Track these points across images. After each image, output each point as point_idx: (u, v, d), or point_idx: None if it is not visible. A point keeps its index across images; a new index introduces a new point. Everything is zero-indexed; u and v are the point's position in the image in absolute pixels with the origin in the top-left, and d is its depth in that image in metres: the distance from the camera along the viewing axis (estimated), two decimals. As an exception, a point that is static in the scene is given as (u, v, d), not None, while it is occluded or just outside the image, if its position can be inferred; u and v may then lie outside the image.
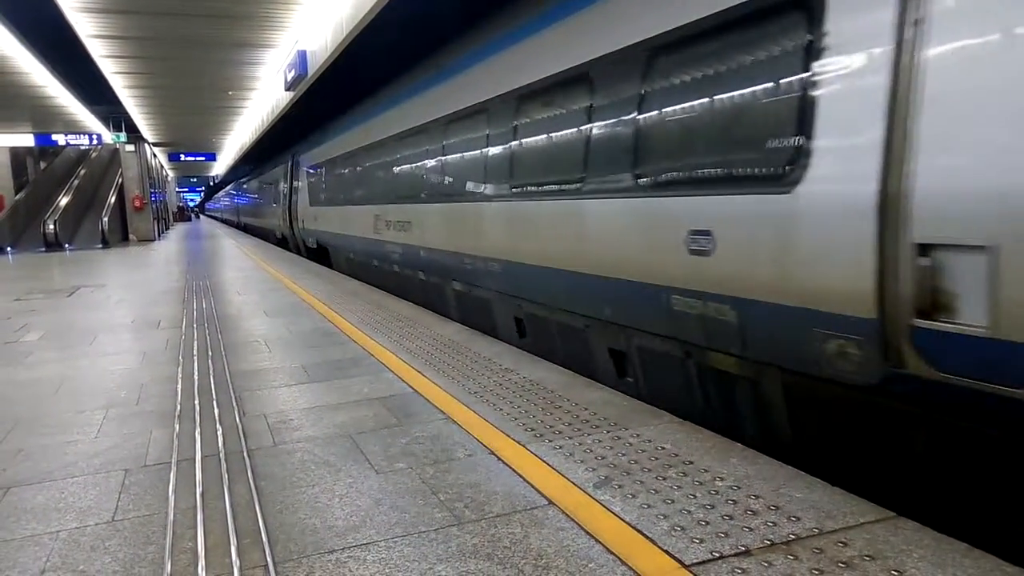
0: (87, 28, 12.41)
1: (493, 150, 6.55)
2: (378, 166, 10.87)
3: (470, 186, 7.09)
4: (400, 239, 9.48)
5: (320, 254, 16.68)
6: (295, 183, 19.49)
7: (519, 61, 6.11)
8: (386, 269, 10.67)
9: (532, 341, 6.25)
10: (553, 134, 5.55)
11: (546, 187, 5.57)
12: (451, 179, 7.71)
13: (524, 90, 5.97)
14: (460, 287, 7.66)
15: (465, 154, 7.33)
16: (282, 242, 22.98)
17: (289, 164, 20.49)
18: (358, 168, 12.27)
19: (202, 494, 3.11)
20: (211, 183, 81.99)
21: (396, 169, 9.79)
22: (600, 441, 3.56)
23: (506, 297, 6.53)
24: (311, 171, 17.19)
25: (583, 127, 5.09)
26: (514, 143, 6.14)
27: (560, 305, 5.57)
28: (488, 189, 6.62)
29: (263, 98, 20.24)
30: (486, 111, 6.72)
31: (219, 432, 3.95)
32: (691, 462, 3.23)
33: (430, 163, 8.35)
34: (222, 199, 63.22)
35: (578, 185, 5.07)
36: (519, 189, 6.01)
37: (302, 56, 13.47)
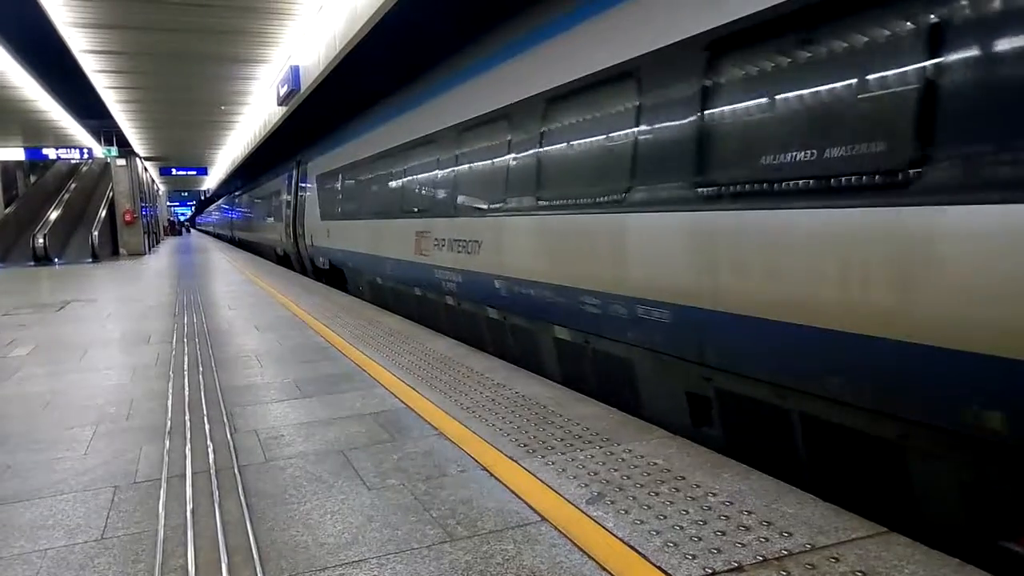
0: (80, 43, 12.44)
1: (651, 131, 4.30)
2: (420, 169, 8.55)
3: (602, 190, 4.77)
4: (459, 263, 7.13)
5: (334, 276, 14.12)
6: (301, 194, 17.10)
7: None
8: (433, 301, 8.36)
9: (727, 436, 4.11)
10: (819, 90, 3.22)
11: (804, 187, 3.26)
12: (559, 182, 5.41)
13: (725, 31, 3.73)
14: (570, 336, 5.48)
15: (586, 142, 5.03)
16: (284, 260, 20.73)
17: (293, 173, 18.18)
18: (391, 173, 9.80)
19: (192, 511, 3.09)
20: (202, 197, 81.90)
21: (451, 172, 7.50)
22: (592, 456, 3.56)
23: (673, 361, 4.32)
24: (323, 179, 14.53)
25: (919, 64, 2.79)
26: (716, 111, 3.79)
27: (822, 389, 3.34)
28: (640, 194, 4.38)
29: (257, 111, 20.27)
30: (634, 72, 4.45)
31: (210, 448, 3.93)
32: (683, 477, 3.23)
33: (515, 162, 6.03)
34: (214, 213, 62.26)
35: (920, 173, 2.73)
36: (721, 189, 3.71)
37: (295, 71, 13.54)
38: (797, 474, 3.66)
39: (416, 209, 8.57)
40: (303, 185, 16.91)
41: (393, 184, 9.65)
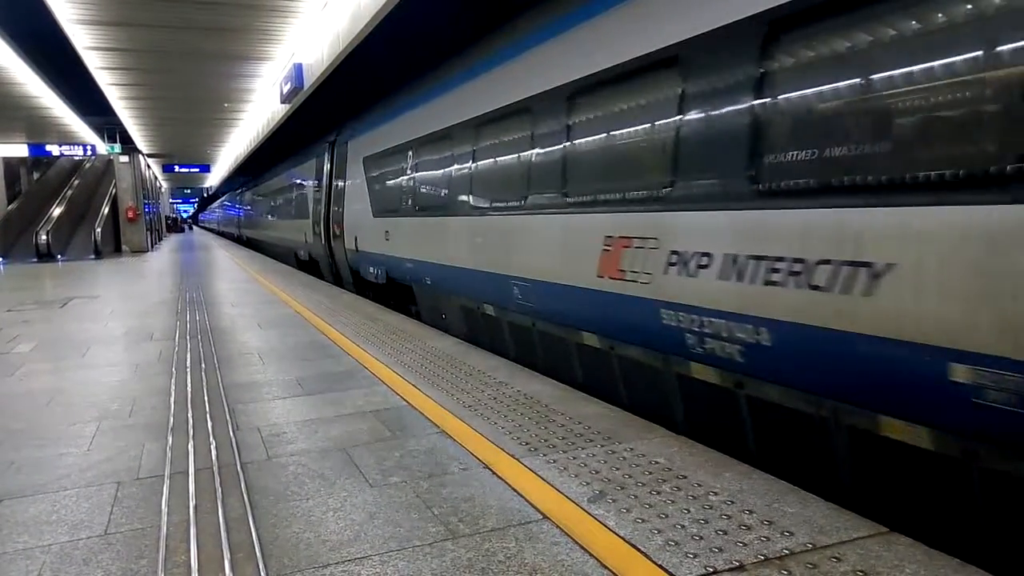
0: (83, 40, 12.45)
1: None
2: (620, 122, 4.83)
3: None
4: (780, 305, 3.51)
5: (394, 294, 10.46)
6: (338, 183, 13.33)
7: None
8: (647, 367, 4.72)
9: None
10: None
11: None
12: None
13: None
14: None
15: None
16: (309, 265, 17.15)
17: (327, 156, 14.30)
18: (531, 137, 5.91)
19: (195, 507, 3.10)
20: (205, 194, 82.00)
21: (748, 114, 3.71)
22: (594, 455, 3.56)
23: None
24: (377, 162, 10.76)
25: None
26: None
27: None
28: None
29: (263, 104, 20.22)
30: None
31: (212, 445, 3.94)
32: (685, 476, 3.24)
33: None
34: (220, 208, 60.02)
35: None
36: None
37: (298, 69, 13.55)
38: None
39: (612, 196, 4.85)
40: (342, 172, 13.15)
41: (540, 156, 5.77)
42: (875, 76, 3.09)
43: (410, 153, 9.16)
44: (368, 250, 11.27)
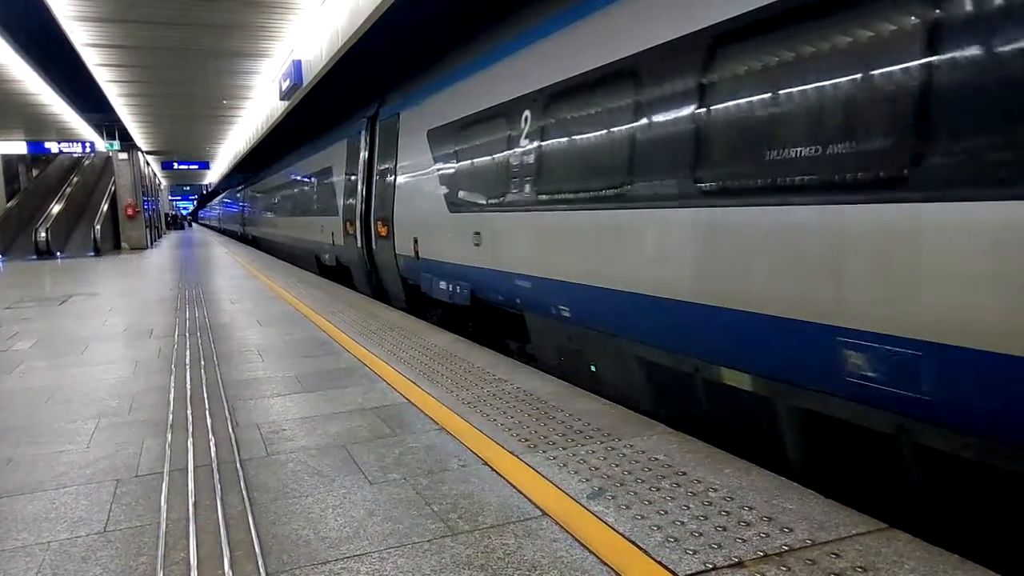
0: (82, 37, 12.42)
1: None
2: None
3: None
4: None
5: (479, 320, 7.70)
6: (384, 167, 10.31)
7: None
8: None
9: None
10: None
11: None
12: None
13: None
14: None
15: None
16: (336, 272, 14.08)
17: (364, 137, 11.40)
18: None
19: (194, 504, 3.09)
20: (204, 191, 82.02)
21: None
22: (594, 452, 3.56)
23: None
24: (459, 134, 7.56)
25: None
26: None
27: None
28: None
29: (263, 100, 20.18)
30: None
31: (212, 442, 3.94)
32: (684, 473, 3.24)
33: None
34: (221, 205, 57.79)
35: None
36: None
37: (297, 66, 13.52)
38: None
39: None
40: (389, 154, 10.08)
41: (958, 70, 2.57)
42: None
43: (526, 114, 6.08)
44: (437, 258, 8.23)
